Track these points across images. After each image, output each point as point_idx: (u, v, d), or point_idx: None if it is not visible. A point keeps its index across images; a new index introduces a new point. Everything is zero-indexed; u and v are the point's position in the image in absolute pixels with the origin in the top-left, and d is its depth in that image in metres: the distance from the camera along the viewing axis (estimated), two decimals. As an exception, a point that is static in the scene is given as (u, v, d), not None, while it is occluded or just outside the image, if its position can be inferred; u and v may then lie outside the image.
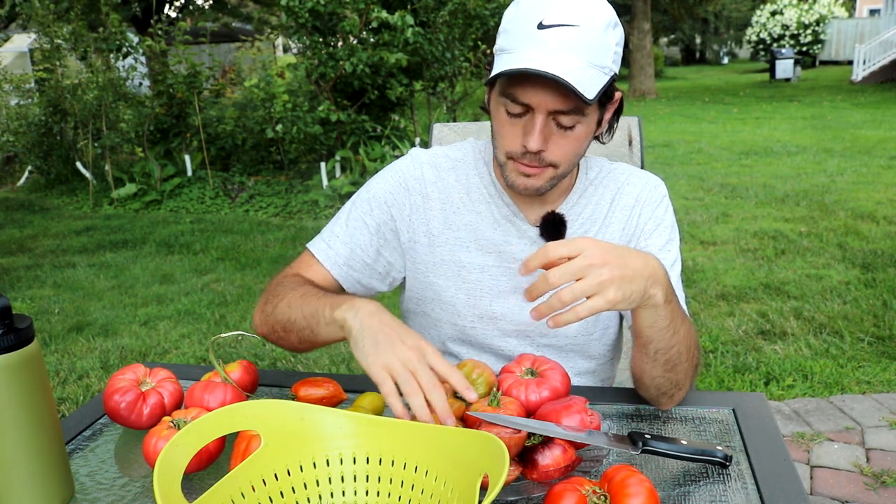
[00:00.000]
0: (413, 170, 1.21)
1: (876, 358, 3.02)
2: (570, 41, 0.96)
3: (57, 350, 3.51)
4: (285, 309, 1.07)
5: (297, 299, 1.06)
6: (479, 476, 0.69)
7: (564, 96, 0.98)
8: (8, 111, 7.98)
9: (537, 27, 0.97)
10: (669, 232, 1.18)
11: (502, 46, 1.02)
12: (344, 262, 1.19)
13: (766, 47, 22.99)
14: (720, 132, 10.06)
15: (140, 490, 0.91)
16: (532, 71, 0.94)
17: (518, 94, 1.00)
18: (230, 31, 14.81)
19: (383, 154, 6.42)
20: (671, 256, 1.16)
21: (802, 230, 4.95)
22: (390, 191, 1.20)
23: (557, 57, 0.95)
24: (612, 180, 1.21)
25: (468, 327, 1.20)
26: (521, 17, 0.99)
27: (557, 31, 0.96)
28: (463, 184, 1.20)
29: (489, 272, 1.18)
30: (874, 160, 7.36)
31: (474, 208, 1.18)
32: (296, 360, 3.21)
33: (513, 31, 1.00)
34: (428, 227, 1.19)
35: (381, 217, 1.19)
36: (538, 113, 1.00)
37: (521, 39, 0.98)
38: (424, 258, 1.20)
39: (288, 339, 1.09)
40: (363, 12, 5.90)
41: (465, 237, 1.18)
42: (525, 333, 1.20)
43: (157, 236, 5.68)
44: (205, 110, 7.18)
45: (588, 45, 0.97)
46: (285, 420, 0.81)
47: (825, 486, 2.17)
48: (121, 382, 1.02)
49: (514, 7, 1.02)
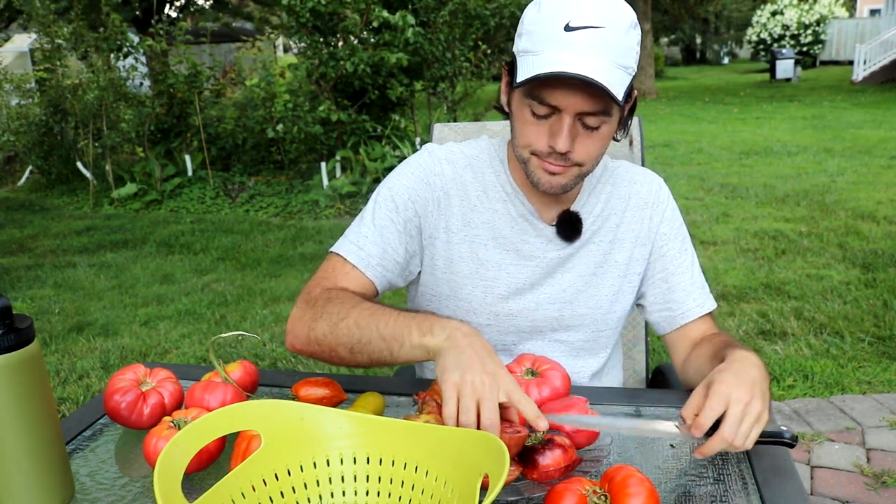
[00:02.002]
0: (433, 165, 1.19)
1: (876, 358, 3.02)
2: (597, 43, 0.96)
3: (57, 350, 3.51)
4: (353, 330, 0.99)
5: (367, 318, 0.99)
6: (479, 476, 0.69)
7: (593, 98, 0.99)
8: (8, 111, 7.98)
9: (564, 29, 0.96)
10: (682, 231, 1.24)
11: (527, 48, 1.01)
12: (377, 263, 1.14)
13: (767, 47, 22.99)
14: (720, 132, 10.06)
15: (140, 490, 0.91)
16: (566, 75, 0.95)
17: (546, 97, 1.00)
18: (231, 31, 14.82)
19: (384, 154, 6.42)
20: (689, 255, 1.23)
21: (803, 230, 4.95)
22: (413, 187, 1.17)
23: (587, 59, 0.95)
24: (618, 178, 1.23)
25: (483, 324, 1.20)
26: (546, 19, 0.99)
27: (585, 32, 0.96)
28: (480, 181, 1.20)
29: (507, 269, 1.18)
30: (874, 160, 7.35)
31: (491, 206, 1.19)
32: (296, 360, 3.21)
33: (538, 32, 0.99)
34: (447, 223, 1.19)
35: (406, 214, 1.16)
36: (566, 114, 1.00)
37: (549, 41, 0.98)
38: (443, 254, 1.19)
39: (351, 359, 1.02)
40: (364, 12, 5.90)
41: (483, 234, 1.18)
42: (538, 330, 1.21)
43: (158, 236, 5.68)
44: (205, 110, 7.18)
45: (614, 46, 0.97)
46: (285, 420, 0.81)
47: (825, 487, 2.17)
48: (121, 382, 1.02)
49: (534, 8, 1.02)
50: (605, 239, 1.20)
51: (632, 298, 1.24)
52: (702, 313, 1.20)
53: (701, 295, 1.21)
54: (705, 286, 1.23)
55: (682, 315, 1.20)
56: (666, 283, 1.21)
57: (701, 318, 1.20)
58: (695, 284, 1.21)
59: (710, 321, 1.22)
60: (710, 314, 1.21)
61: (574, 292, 1.20)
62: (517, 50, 1.04)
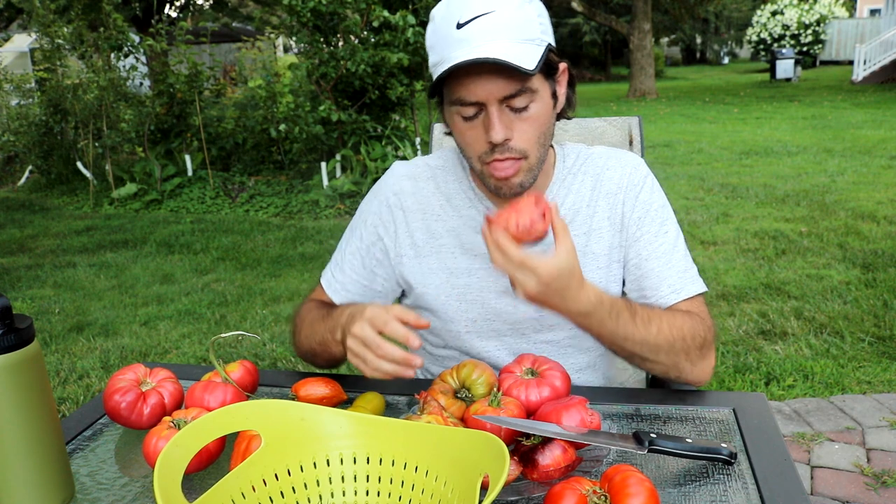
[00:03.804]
0: (392, 184, 1.23)
1: (876, 358, 3.02)
2: (491, 27, 0.97)
3: (57, 350, 3.51)
4: (307, 339, 1.18)
5: (308, 329, 1.18)
6: (479, 476, 0.69)
7: (508, 79, 0.99)
8: (9, 111, 7.99)
9: (456, 28, 0.98)
10: (661, 213, 1.18)
11: (434, 61, 1.03)
12: (342, 288, 1.24)
13: (767, 47, 23.00)
14: (720, 132, 10.06)
15: (140, 490, 0.91)
16: (464, 63, 0.96)
17: (464, 95, 1.01)
18: (231, 31, 14.83)
19: (384, 154, 6.42)
20: (670, 238, 1.17)
21: (803, 230, 4.95)
22: (374, 211, 1.23)
23: (485, 46, 0.97)
24: (591, 166, 1.20)
25: (462, 332, 1.20)
26: (439, 28, 1.01)
27: (475, 23, 0.97)
28: (443, 191, 1.21)
29: (477, 275, 1.18)
30: (874, 160, 7.35)
31: (456, 213, 1.19)
32: (296, 360, 3.21)
33: (437, 43, 1.02)
34: (412, 239, 1.20)
35: (369, 238, 1.23)
36: (490, 105, 1.00)
37: (447, 45, 1.00)
38: (413, 270, 1.21)
39: (325, 359, 1.18)
40: (364, 12, 5.90)
41: (449, 243, 1.19)
42: (521, 332, 1.20)
43: (158, 236, 5.69)
44: (205, 110, 7.18)
45: (509, 25, 0.98)
46: (285, 420, 0.81)
47: (826, 487, 2.17)
48: (121, 382, 1.02)
49: (430, 25, 1.04)
50: (579, 231, 1.17)
51: (619, 287, 1.20)
52: (678, 299, 1.13)
53: (680, 280, 1.14)
54: (688, 270, 1.16)
55: (655, 302, 1.14)
56: (639, 270, 1.16)
57: (678, 303, 1.14)
58: (673, 269, 1.15)
59: (694, 306, 1.14)
60: (692, 299, 1.14)
61: None
62: (431, 69, 1.05)
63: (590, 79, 26.70)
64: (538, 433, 0.86)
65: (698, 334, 1.09)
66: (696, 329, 1.09)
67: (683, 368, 1.09)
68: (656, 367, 1.09)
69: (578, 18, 25.45)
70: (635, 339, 1.04)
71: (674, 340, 1.06)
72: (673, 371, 1.09)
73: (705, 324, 1.11)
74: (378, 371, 0.96)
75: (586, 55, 28.91)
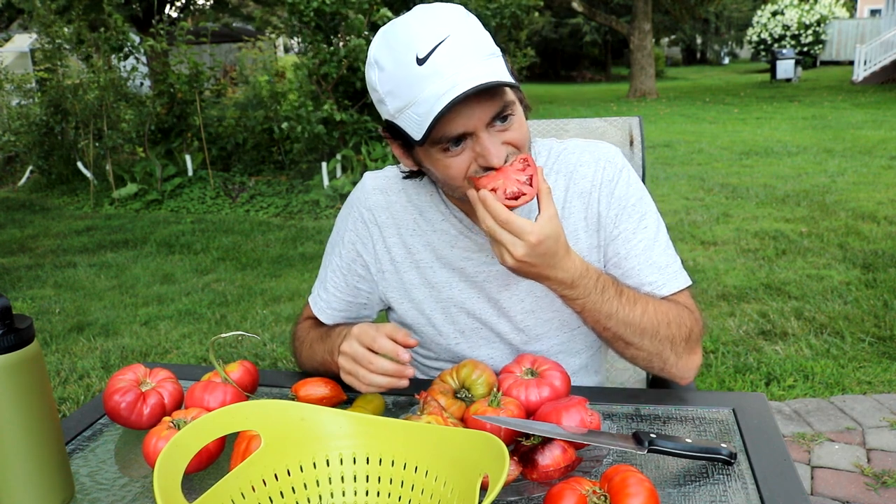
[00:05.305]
0: (364, 199, 1.20)
1: (877, 358, 3.02)
2: (455, 53, 0.91)
3: (57, 350, 3.51)
4: (308, 360, 1.22)
5: (308, 350, 1.21)
6: (479, 476, 0.69)
7: (491, 100, 0.94)
8: (9, 111, 7.99)
9: (418, 64, 0.91)
10: (638, 207, 1.13)
11: (399, 106, 0.95)
12: (328, 307, 1.25)
13: (767, 47, 22.99)
14: (721, 132, 10.06)
15: (140, 490, 0.91)
16: (460, 97, 0.89)
17: (452, 131, 0.94)
18: (231, 31, 14.83)
19: (385, 154, 6.42)
20: (650, 233, 1.12)
21: (803, 230, 4.95)
22: (350, 228, 1.21)
23: (461, 72, 0.91)
24: (563, 164, 1.15)
25: (452, 345, 1.20)
26: (396, 72, 0.93)
27: (437, 53, 0.91)
28: (415, 203, 1.17)
29: (458, 287, 1.17)
30: (875, 160, 7.35)
31: (430, 227, 1.16)
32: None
33: (397, 87, 0.94)
34: (390, 255, 1.19)
35: (349, 256, 1.22)
36: (480, 132, 0.95)
37: (413, 85, 0.92)
38: (396, 285, 1.20)
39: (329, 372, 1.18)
40: (367, 12, 5.90)
41: (427, 258, 1.17)
42: (508, 343, 1.19)
43: (158, 236, 5.69)
44: (206, 110, 7.18)
45: (470, 43, 0.93)
46: (285, 420, 0.81)
47: (826, 487, 2.17)
48: (121, 382, 1.02)
49: (373, 71, 0.96)
50: None
51: None
52: (658, 297, 1.10)
53: (661, 276, 1.10)
54: (670, 265, 1.12)
55: None
56: (619, 269, 1.12)
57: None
58: (652, 266, 1.11)
59: (680, 300, 1.11)
60: (677, 294, 1.11)
61: (534, 300, 1.15)
62: (390, 115, 0.98)
63: (590, 79, 26.71)
64: (538, 433, 0.86)
65: (685, 324, 1.07)
66: (682, 318, 1.07)
67: (668, 359, 1.07)
68: (640, 354, 1.06)
69: (579, 18, 25.45)
70: (619, 318, 1.02)
71: (658, 325, 1.04)
72: (657, 360, 1.07)
73: (693, 315, 1.10)
74: (372, 385, 0.98)
75: (586, 55, 28.90)
